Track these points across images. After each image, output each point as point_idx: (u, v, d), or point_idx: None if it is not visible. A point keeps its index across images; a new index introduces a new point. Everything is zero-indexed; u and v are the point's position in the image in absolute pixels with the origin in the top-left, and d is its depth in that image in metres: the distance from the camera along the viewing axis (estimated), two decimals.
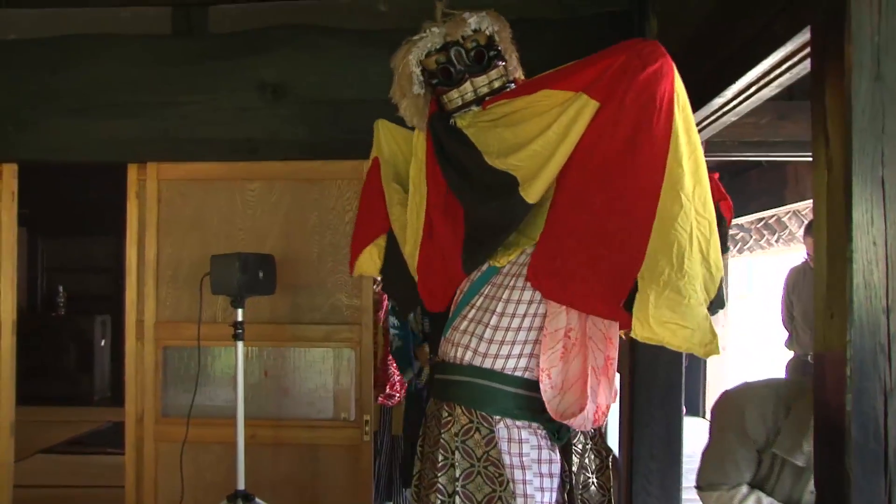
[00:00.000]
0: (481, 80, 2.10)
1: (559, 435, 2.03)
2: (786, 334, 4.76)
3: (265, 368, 3.48)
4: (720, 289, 1.87)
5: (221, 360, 3.50)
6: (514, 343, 2.00)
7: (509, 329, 2.00)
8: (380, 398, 3.95)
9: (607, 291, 1.85)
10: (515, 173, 1.93)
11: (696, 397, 7.99)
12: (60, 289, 9.10)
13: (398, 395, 3.98)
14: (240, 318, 3.10)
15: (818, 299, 1.49)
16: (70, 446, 6.71)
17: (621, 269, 1.82)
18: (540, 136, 1.89)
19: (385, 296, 3.95)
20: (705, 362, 8.00)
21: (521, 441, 1.98)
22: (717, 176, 2.37)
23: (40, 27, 3.50)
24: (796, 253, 6.48)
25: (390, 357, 3.89)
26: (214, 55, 3.45)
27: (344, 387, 3.46)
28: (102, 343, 8.99)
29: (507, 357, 2.00)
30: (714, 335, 1.82)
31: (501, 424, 1.98)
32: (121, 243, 3.64)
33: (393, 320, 3.85)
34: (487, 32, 2.13)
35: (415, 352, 3.79)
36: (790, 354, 4.71)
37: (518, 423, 1.99)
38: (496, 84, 2.10)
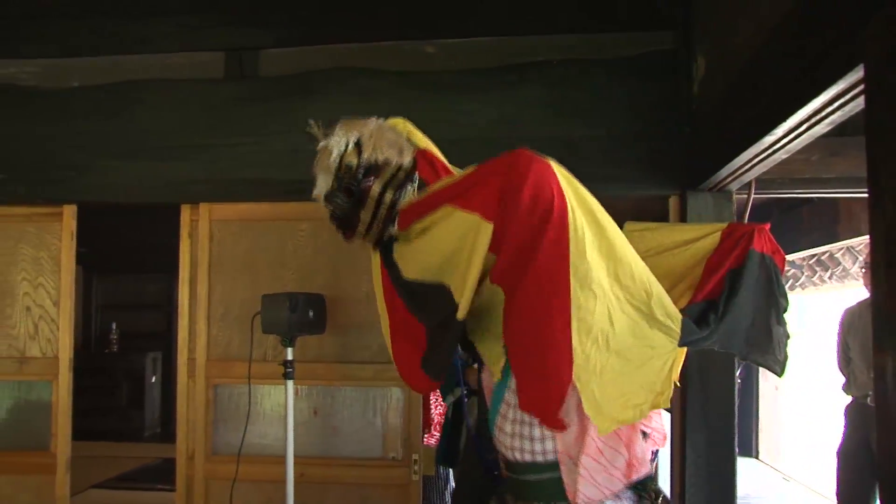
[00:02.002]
0: (367, 212, 1.97)
1: (645, 486, 2.02)
2: (842, 379, 4.62)
3: (314, 407, 3.50)
4: (684, 325, 1.89)
5: (271, 398, 3.53)
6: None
7: None
8: (425, 438, 3.93)
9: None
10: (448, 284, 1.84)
11: (749, 438, 7.82)
12: (114, 326, 9.27)
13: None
14: (290, 357, 3.12)
15: (877, 342, 1.46)
16: (122, 482, 6.77)
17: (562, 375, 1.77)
18: (451, 255, 1.82)
19: None
20: (758, 402, 7.85)
21: None
22: (767, 227, 2.34)
23: (100, 74, 3.63)
24: (850, 290, 6.33)
25: (433, 394, 3.86)
26: (265, 98, 3.53)
27: (392, 426, 3.46)
28: (153, 380, 9.11)
29: None
30: (663, 386, 1.88)
31: None
32: (173, 282, 3.71)
33: None
34: (349, 150, 1.98)
35: (464, 374, 3.76)
36: (847, 399, 4.56)
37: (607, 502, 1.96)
38: (387, 198, 1.96)
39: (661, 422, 2.16)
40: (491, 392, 2.16)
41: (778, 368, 2.27)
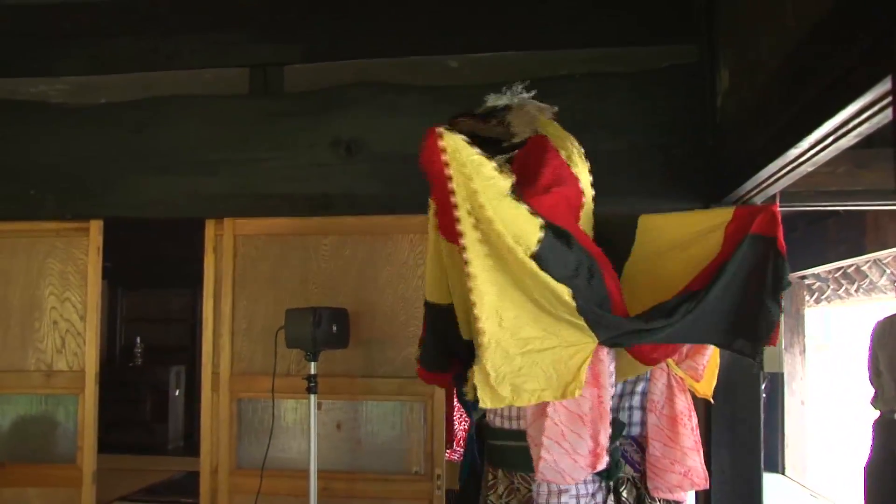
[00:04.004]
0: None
1: (609, 473, 2.07)
2: (871, 392, 4.56)
3: (338, 421, 3.50)
4: (598, 323, 1.90)
5: (294, 412, 3.54)
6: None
7: None
8: (447, 453, 3.91)
9: None
10: None
11: (775, 453, 7.73)
12: (138, 340, 9.33)
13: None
14: (313, 372, 3.13)
15: None
16: (147, 495, 6.79)
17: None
18: None
19: None
20: (784, 417, 7.76)
21: (560, 492, 2.01)
22: (775, 207, 2.26)
23: (127, 91, 3.68)
24: (878, 303, 6.27)
25: (456, 408, 3.85)
26: (290, 113, 3.56)
27: (415, 440, 3.45)
28: (177, 393, 9.15)
29: None
30: (571, 377, 1.89)
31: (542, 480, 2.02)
32: (197, 296, 3.73)
33: None
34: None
35: None
36: (875, 414, 4.50)
37: None
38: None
39: (700, 461, 2.17)
40: None
41: (755, 352, 2.15)
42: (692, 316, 1.98)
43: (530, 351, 1.88)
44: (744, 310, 2.06)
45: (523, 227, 1.80)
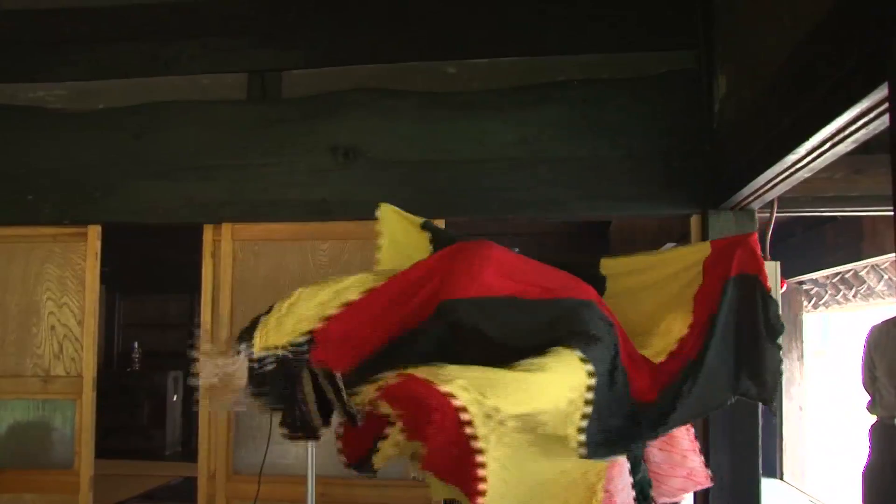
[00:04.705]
0: None
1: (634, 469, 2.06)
2: (867, 398, 4.56)
3: (336, 427, 3.48)
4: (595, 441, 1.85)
5: None
6: None
7: None
8: None
9: None
10: None
11: (773, 459, 7.72)
12: (136, 345, 9.32)
13: None
14: None
15: None
16: (144, 501, 6.79)
17: None
18: None
19: None
20: (782, 422, 7.77)
21: None
22: (753, 238, 2.25)
23: (125, 96, 3.69)
24: (875, 308, 6.27)
25: None
26: (288, 119, 3.56)
27: None
28: (175, 398, 9.14)
29: None
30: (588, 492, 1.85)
31: None
32: (195, 301, 3.71)
33: None
34: None
35: None
36: (872, 419, 4.50)
37: None
38: None
39: (699, 460, 2.16)
40: None
41: (768, 397, 2.12)
42: (697, 389, 1.98)
43: (542, 482, 1.84)
44: (744, 355, 2.07)
45: (568, 380, 1.79)
